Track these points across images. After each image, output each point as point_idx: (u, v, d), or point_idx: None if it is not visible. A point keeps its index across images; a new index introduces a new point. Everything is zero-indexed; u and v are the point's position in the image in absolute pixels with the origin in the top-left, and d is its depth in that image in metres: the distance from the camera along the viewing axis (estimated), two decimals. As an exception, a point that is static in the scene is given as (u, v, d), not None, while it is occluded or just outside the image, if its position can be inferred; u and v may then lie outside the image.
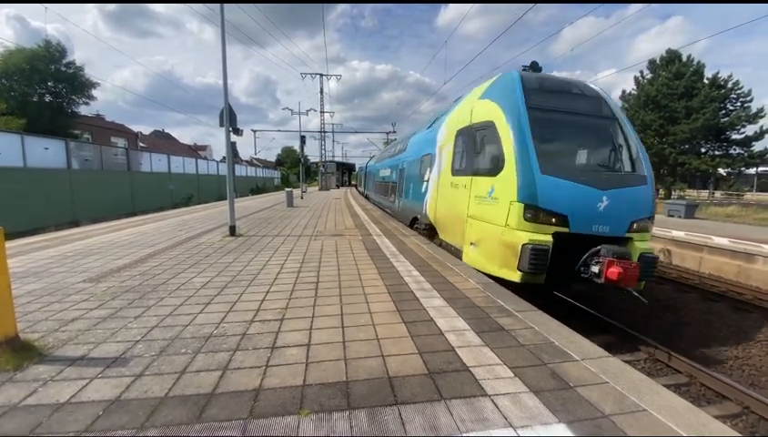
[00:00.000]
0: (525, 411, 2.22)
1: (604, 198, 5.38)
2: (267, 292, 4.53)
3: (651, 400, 2.33)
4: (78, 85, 28.18)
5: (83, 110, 30.92)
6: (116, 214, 16.69)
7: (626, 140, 6.24)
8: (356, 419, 2.14)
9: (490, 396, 2.37)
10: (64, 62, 27.23)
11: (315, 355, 2.92)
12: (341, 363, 2.79)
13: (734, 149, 33.24)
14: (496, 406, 2.27)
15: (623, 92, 38.90)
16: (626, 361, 3.07)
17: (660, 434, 2.03)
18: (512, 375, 2.63)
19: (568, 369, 2.73)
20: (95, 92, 29.51)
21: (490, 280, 5.08)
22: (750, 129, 32.06)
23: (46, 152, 15.59)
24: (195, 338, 3.24)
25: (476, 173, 6.61)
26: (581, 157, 6.55)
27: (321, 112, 43.55)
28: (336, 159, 57.22)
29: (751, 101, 32.12)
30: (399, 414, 2.18)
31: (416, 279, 5.07)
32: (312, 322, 3.59)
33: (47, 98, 27.40)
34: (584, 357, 2.90)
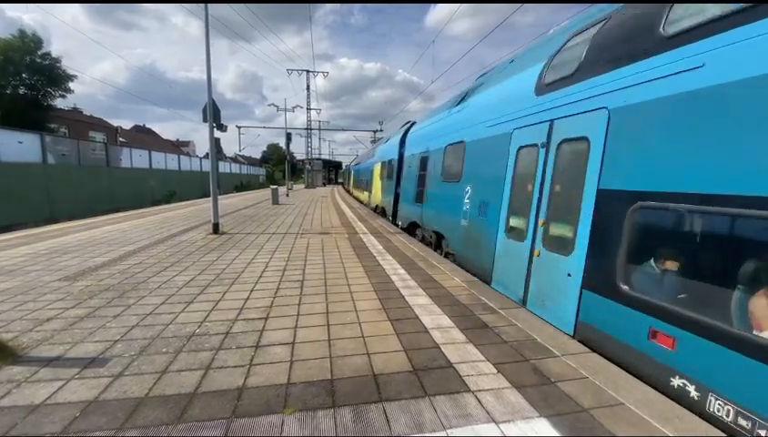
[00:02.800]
0: (507, 407, 2.26)
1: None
2: (252, 291, 4.48)
3: (628, 394, 2.40)
4: (55, 77, 27.15)
5: (59, 103, 29.83)
6: (95, 211, 16.19)
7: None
8: (340, 416, 2.14)
9: (473, 392, 2.41)
10: (40, 53, 26.21)
11: (300, 353, 2.91)
12: (326, 361, 2.79)
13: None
14: (479, 402, 2.30)
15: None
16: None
17: (635, 426, 2.10)
18: (495, 371, 2.67)
19: (549, 364, 2.79)
20: (72, 85, 28.52)
21: (475, 278, 5.13)
22: None
23: (21, 146, 15.00)
24: (176, 337, 3.18)
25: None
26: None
27: (308, 109, 43.20)
28: (322, 157, 56.86)
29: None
30: (384, 411, 2.19)
31: (402, 278, 5.09)
32: (297, 321, 3.57)
33: (22, 91, 26.33)
34: (565, 353, 2.96)
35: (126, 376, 2.56)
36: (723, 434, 2.04)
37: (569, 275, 3.47)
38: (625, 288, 2.90)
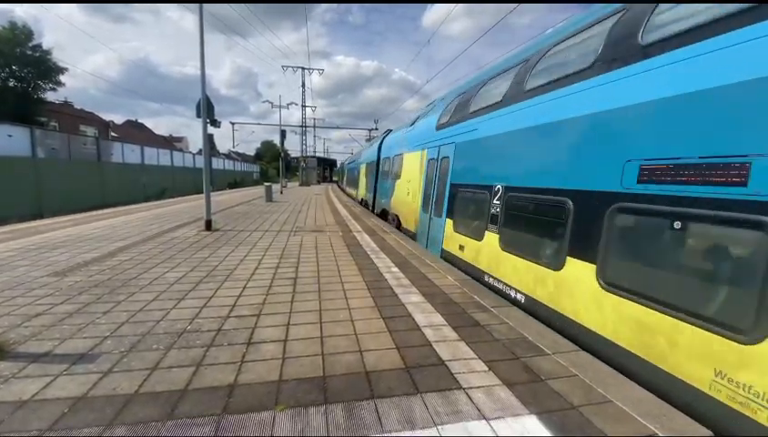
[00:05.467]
0: (498, 404, 2.28)
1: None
2: (244, 288, 4.46)
3: (617, 391, 2.43)
4: (45, 69, 26.74)
5: (50, 96, 29.41)
6: (85, 206, 15.98)
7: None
8: (332, 413, 2.15)
9: (464, 389, 2.43)
10: (30, 45, 25.77)
11: (292, 351, 2.90)
12: (319, 358, 2.79)
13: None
14: (470, 399, 2.32)
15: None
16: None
17: (623, 423, 2.13)
18: (487, 369, 2.70)
19: (540, 362, 2.81)
20: (64, 78, 28.09)
21: (468, 277, 5.16)
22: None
23: (10, 139, 14.74)
24: (167, 334, 3.16)
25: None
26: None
27: (303, 106, 43.04)
28: (317, 155, 56.67)
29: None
30: (376, 408, 2.20)
31: (395, 276, 5.10)
32: (290, 318, 3.56)
33: (12, 83, 25.88)
34: (556, 351, 2.99)
35: (115, 372, 2.54)
36: (711, 433, 2.08)
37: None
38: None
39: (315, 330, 3.29)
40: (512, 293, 4.38)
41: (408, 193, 9.47)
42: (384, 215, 12.93)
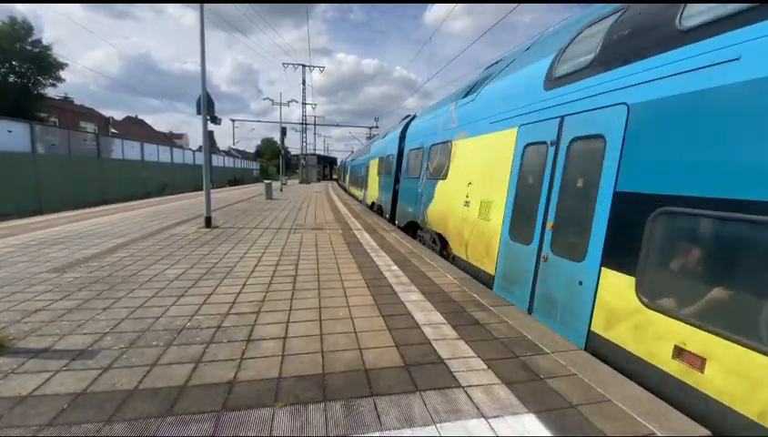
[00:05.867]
0: (497, 402, 2.28)
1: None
2: (244, 285, 4.46)
3: (615, 391, 2.44)
4: (45, 65, 26.66)
5: (50, 92, 29.34)
6: (84, 202, 15.96)
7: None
8: (331, 410, 2.15)
9: (463, 387, 2.43)
10: (30, 40, 25.68)
11: (291, 348, 2.91)
12: (318, 356, 2.79)
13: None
14: (469, 397, 2.32)
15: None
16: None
17: (621, 422, 2.14)
18: (486, 367, 2.70)
19: (539, 361, 2.82)
20: (63, 73, 28.02)
21: (467, 276, 5.16)
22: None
23: (10, 135, 14.71)
24: (167, 330, 3.16)
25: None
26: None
27: (303, 103, 42.97)
28: (317, 153, 56.61)
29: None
30: (375, 406, 2.20)
31: (395, 274, 5.10)
32: (290, 315, 3.56)
33: (11, 78, 25.81)
34: (554, 350, 3.00)
35: (115, 368, 2.54)
36: (709, 433, 2.08)
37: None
38: None
39: (314, 328, 3.29)
40: None
41: (467, 202, 5.99)
42: (412, 229, 9.33)
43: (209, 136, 9.18)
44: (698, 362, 2.36)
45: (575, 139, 3.71)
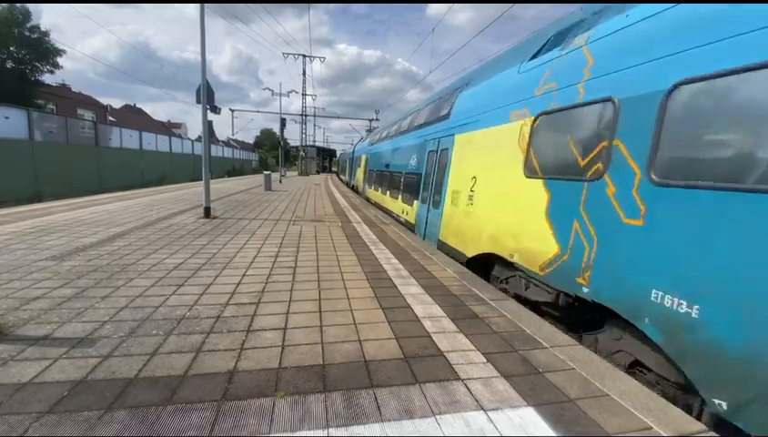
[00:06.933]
0: (496, 395, 2.30)
1: None
2: (244, 276, 4.46)
3: (613, 385, 2.46)
4: (43, 51, 26.33)
5: (47, 79, 29.04)
6: (82, 191, 15.88)
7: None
8: (331, 401, 2.16)
9: (462, 380, 2.44)
10: (28, 26, 25.32)
11: (291, 339, 2.91)
12: (318, 347, 2.80)
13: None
14: (468, 390, 2.34)
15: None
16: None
17: (619, 416, 2.16)
18: (485, 361, 2.71)
19: (538, 355, 2.83)
20: (61, 60, 27.67)
21: (466, 270, 5.18)
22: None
23: (7, 121, 14.58)
24: (167, 319, 3.16)
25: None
26: None
27: (303, 94, 42.61)
28: (317, 144, 56.35)
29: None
30: (375, 397, 2.21)
31: (394, 267, 5.11)
32: (289, 306, 3.57)
33: (9, 64, 25.50)
34: (553, 344, 3.01)
35: (114, 357, 2.54)
36: (704, 427, 2.10)
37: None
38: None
39: (314, 319, 3.29)
40: None
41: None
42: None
43: (209, 125, 9.12)
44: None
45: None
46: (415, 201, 9.16)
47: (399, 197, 10.89)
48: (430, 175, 8.07)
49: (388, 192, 12.77)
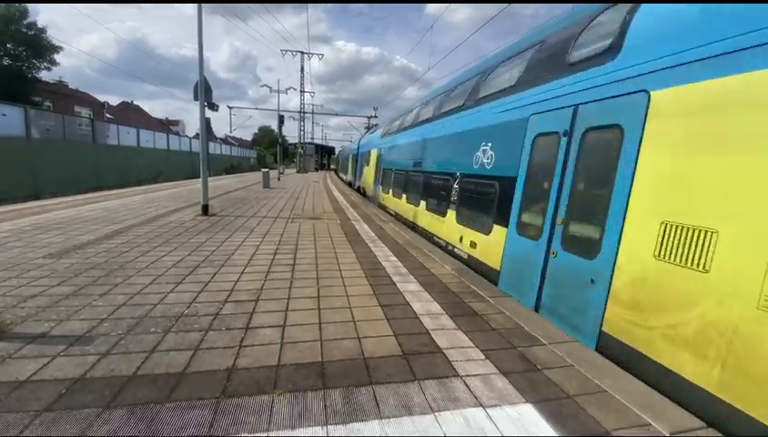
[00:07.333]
0: (494, 392, 2.30)
1: None
2: (242, 273, 4.45)
3: (611, 382, 2.46)
4: (40, 48, 26.14)
5: (44, 76, 28.83)
6: (80, 188, 15.81)
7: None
8: (330, 398, 2.16)
9: (461, 377, 2.45)
10: (25, 23, 25.12)
11: (290, 336, 2.91)
12: (317, 344, 2.80)
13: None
14: (467, 386, 2.34)
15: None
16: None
17: (617, 413, 2.16)
18: (484, 357, 2.72)
19: (536, 352, 2.84)
20: (58, 57, 27.47)
21: (465, 267, 5.18)
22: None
23: (4, 119, 14.49)
24: (165, 317, 3.15)
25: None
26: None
27: (301, 91, 42.45)
28: (315, 142, 56.21)
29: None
30: (374, 394, 2.21)
31: (393, 264, 5.11)
32: (288, 304, 3.56)
33: (6, 61, 25.31)
34: (552, 341, 3.02)
35: (113, 355, 2.53)
36: (704, 424, 2.11)
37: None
38: None
39: (313, 317, 3.29)
40: None
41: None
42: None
43: (206, 122, 9.08)
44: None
45: None
46: (495, 227, 5.12)
47: (452, 214, 6.62)
48: (546, 180, 4.10)
49: (423, 203, 8.40)
